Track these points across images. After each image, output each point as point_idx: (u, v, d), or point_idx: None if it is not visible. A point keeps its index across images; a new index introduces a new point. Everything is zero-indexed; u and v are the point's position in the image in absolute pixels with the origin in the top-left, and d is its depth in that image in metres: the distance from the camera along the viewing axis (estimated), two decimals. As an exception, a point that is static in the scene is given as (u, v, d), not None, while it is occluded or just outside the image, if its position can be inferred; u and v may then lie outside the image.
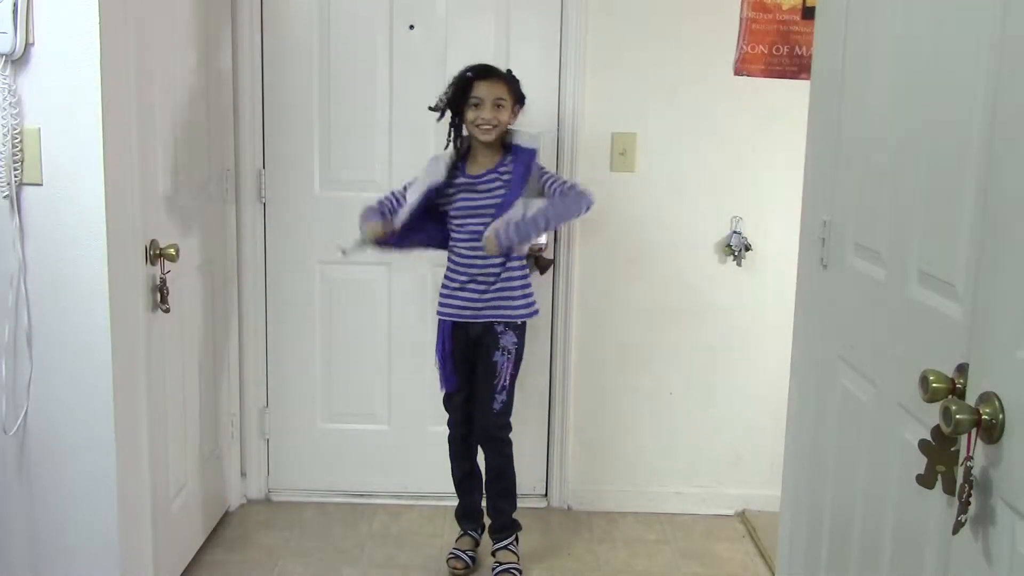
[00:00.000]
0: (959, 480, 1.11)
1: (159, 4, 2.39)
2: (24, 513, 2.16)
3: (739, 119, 3.05)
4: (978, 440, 1.09)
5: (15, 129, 2.00)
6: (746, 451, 3.22)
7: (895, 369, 1.46)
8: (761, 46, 3.02)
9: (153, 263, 2.31)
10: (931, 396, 1.18)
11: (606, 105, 3.05)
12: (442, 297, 2.71)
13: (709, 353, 3.18)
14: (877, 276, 1.56)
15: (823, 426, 1.82)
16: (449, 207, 2.67)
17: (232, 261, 3.08)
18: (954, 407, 1.08)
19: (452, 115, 2.66)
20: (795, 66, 3.01)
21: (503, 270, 2.63)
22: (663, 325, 3.16)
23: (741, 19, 3.01)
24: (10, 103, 1.99)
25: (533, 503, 3.25)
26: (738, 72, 3.03)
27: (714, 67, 3.03)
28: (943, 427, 1.10)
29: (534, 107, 3.07)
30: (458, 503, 2.89)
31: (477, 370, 2.71)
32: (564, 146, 3.06)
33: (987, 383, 1.10)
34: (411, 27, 3.06)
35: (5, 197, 2.03)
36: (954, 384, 1.18)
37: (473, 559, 2.82)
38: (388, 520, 3.14)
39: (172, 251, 2.33)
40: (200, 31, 2.71)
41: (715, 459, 3.24)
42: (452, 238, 2.68)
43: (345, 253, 2.69)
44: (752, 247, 3.09)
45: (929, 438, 1.19)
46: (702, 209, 3.10)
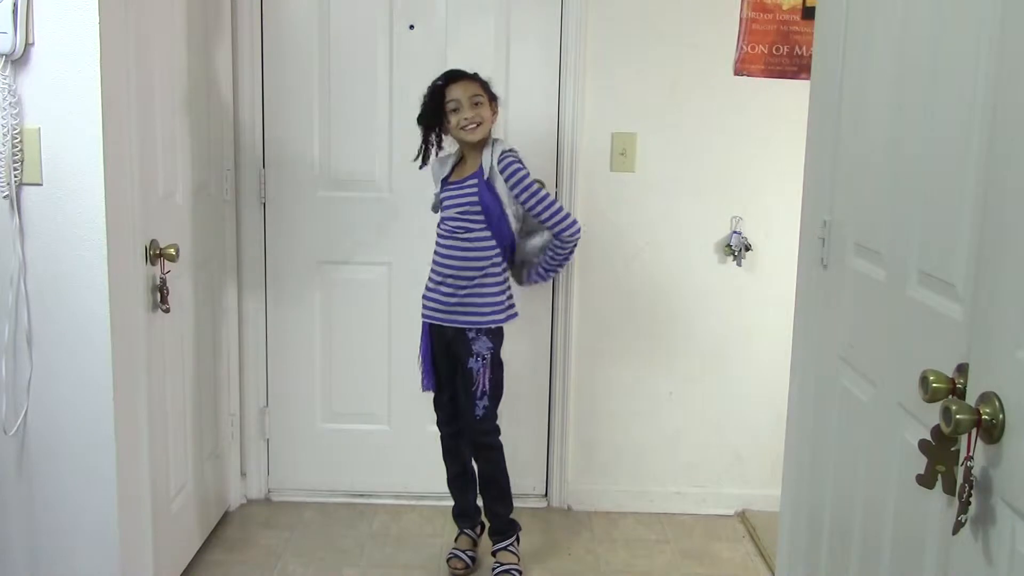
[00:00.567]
0: (959, 480, 1.11)
1: (159, 4, 2.39)
2: (24, 513, 2.16)
3: (739, 119, 3.05)
4: (978, 440, 1.09)
5: (15, 129, 2.00)
6: (746, 451, 3.22)
7: (895, 369, 1.46)
8: (761, 46, 3.02)
9: (153, 263, 2.31)
10: (931, 396, 1.18)
11: (606, 105, 3.05)
12: (423, 295, 2.72)
13: (709, 353, 3.18)
14: (877, 276, 1.56)
15: (823, 426, 1.82)
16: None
17: (232, 261, 3.08)
18: (954, 407, 1.08)
19: (427, 131, 2.67)
20: (795, 66, 3.01)
21: (480, 275, 2.62)
22: (663, 325, 3.16)
23: (741, 19, 3.01)
24: (10, 103, 1.99)
25: (533, 503, 3.25)
26: (738, 72, 3.03)
27: (714, 67, 3.03)
28: (943, 427, 1.10)
29: (534, 107, 3.08)
30: (454, 503, 2.89)
31: (457, 376, 2.71)
32: (564, 146, 3.07)
33: (987, 383, 1.10)
34: (411, 27, 3.06)
35: (5, 197, 2.03)
36: (954, 384, 1.18)
37: (473, 559, 2.82)
38: (388, 520, 3.14)
39: (172, 251, 2.33)
40: (200, 31, 2.71)
41: (715, 459, 3.24)
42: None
43: None
44: (752, 247, 3.09)
45: (929, 438, 1.19)
46: (702, 209, 3.10)
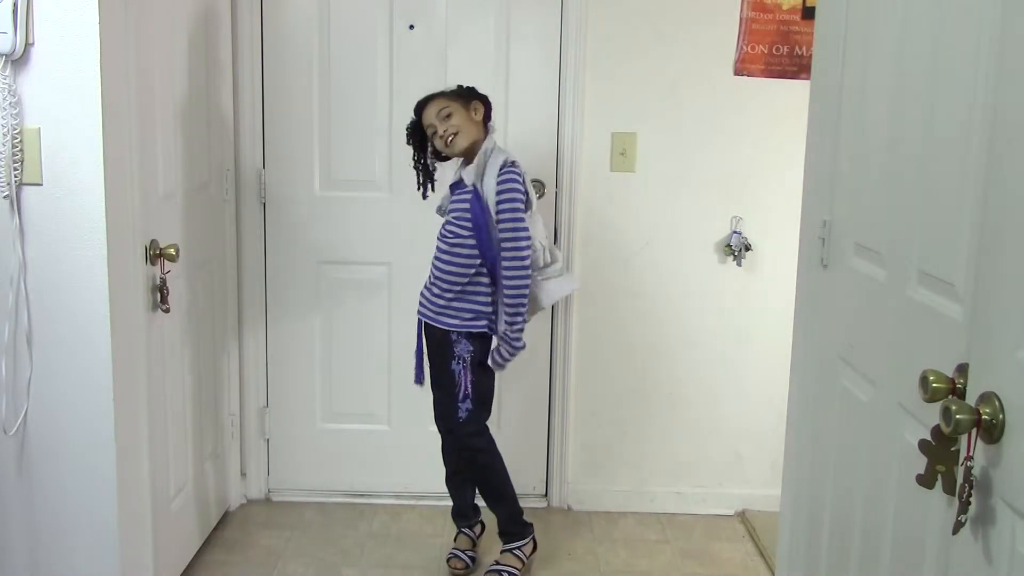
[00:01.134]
0: (959, 480, 1.11)
1: (159, 4, 2.39)
2: (24, 513, 2.16)
3: (739, 119, 3.05)
4: (978, 440, 1.09)
5: (15, 129, 2.00)
6: (746, 451, 3.22)
7: (895, 369, 1.46)
8: (761, 46, 3.02)
9: (153, 263, 2.31)
10: (931, 396, 1.18)
11: (606, 105, 3.05)
12: (420, 291, 2.73)
13: (709, 353, 3.18)
14: (877, 276, 1.56)
15: (823, 426, 1.82)
16: None
17: (232, 261, 3.08)
18: (954, 407, 1.08)
19: (420, 158, 2.70)
20: (795, 66, 3.01)
21: (466, 282, 2.59)
22: (663, 325, 3.16)
23: (741, 19, 3.01)
24: (10, 103, 1.99)
25: (533, 503, 3.25)
26: (738, 72, 3.03)
27: (714, 67, 3.03)
28: (943, 427, 1.10)
29: (534, 107, 3.08)
30: (452, 502, 2.89)
31: (443, 377, 2.69)
32: (564, 146, 3.07)
33: (987, 383, 1.10)
34: (411, 27, 3.06)
35: (5, 197, 2.03)
36: (954, 384, 1.18)
37: (473, 559, 2.82)
38: (388, 520, 3.14)
39: (172, 251, 2.33)
40: (200, 31, 2.71)
41: (715, 459, 3.24)
42: None
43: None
44: (752, 247, 3.09)
45: (929, 438, 1.19)
46: (702, 209, 3.10)
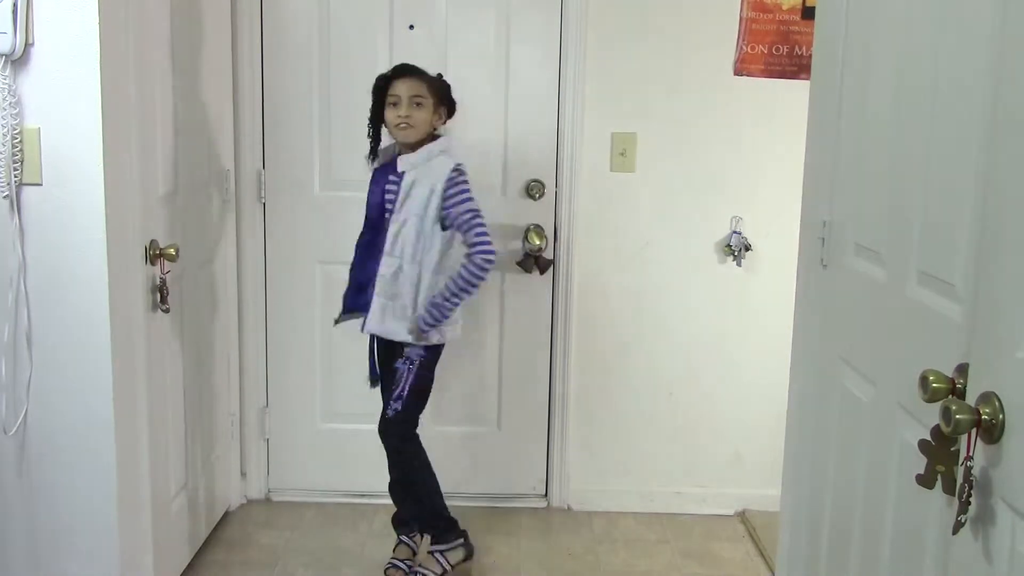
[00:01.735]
0: (959, 480, 1.11)
1: (159, 4, 2.39)
2: (24, 513, 2.16)
3: (739, 119, 3.05)
4: (978, 440, 1.09)
5: (15, 129, 2.00)
6: (746, 451, 3.22)
7: (895, 369, 1.46)
8: (761, 46, 3.02)
9: (153, 263, 2.31)
10: (931, 396, 1.18)
11: (606, 105, 3.05)
12: None
13: (709, 353, 3.18)
14: (877, 276, 1.56)
15: (823, 426, 1.82)
16: None
17: (232, 261, 3.08)
18: (954, 407, 1.08)
19: (373, 123, 2.61)
20: (795, 66, 3.01)
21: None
22: (663, 325, 3.16)
23: (741, 19, 3.01)
24: (10, 103, 1.99)
25: (533, 503, 3.25)
26: (738, 72, 3.03)
27: (714, 67, 3.02)
28: (943, 427, 1.10)
29: (534, 107, 3.08)
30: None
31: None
32: (564, 146, 3.07)
33: (987, 383, 1.10)
34: (411, 27, 3.06)
35: (5, 197, 2.02)
36: (954, 384, 1.18)
37: (411, 567, 2.74)
38: (388, 520, 3.14)
39: (172, 251, 2.33)
40: (200, 31, 2.71)
41: (715, 459, 3.24)
42: None
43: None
44: (752, 247, 3.09)
45: (929, 438, 1.19)
46: (702, 209, 3.10)
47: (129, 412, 2.21)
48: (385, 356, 2.69)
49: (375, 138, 2.63)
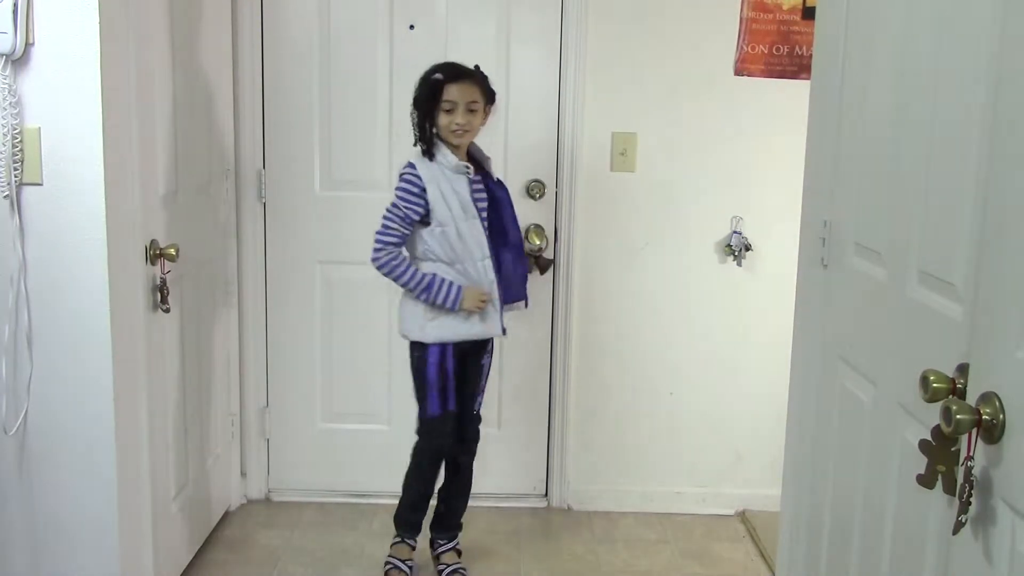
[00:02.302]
0: (959, 480, 1.11)
1: (159, 4, 2.39)
2: (24, 513, 2.16)
3: (739, 119, 3.05)
4: (978, 440, 1.09)
5: (15, 129, 2.00)
6: (746, 451, 3.22)
7: (895, 369, 1.46)
8: (761, 46, 3.02)
9: (153, 263, 2.31)
10: (931, 396, 1.18)
11: (606, 105, 3.05)
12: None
13: (709, 353, 3.18)
14: (877, 276, 1.56)
15: (823, 426, 1.82)
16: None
17: (232, 261, 3.08)
18: (955, 407, 1.08)
19: (420, 117, 2.53)
20: (795, 66, 3.01)
21: None
22: (663, 325, 3.16)
23: (741, 19, 3.01)
24: (10, 103, 1.99)
25: (533, 503, 3.25)
26: (738, 72, 3.03)
27: (714, 67, 3.03)
28: (943, 427, 1.10)
29: (534, 107, 3.08)
30: (420, 513, 2.79)
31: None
32: (564, 146, 3.07)
33: (988, 383, 1.10)
34: (411, 27, 3.06)
35: (5, 197, 2.02)
36: (954, 384, 1.18)
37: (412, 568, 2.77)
38: (388, 520, 3.13)
39: (172, 251, 2.33)
40: (200, 31, 2.71)
41: (715, 459, 3.24)
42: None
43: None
44: (752, 247, 3.09)
45: (929, 438, 1.19)
46: (702, 209, 3.10)
47: (129, 412, 2.21)
48: (465, 358, 2.68)
49: (429, 141, 2.53)
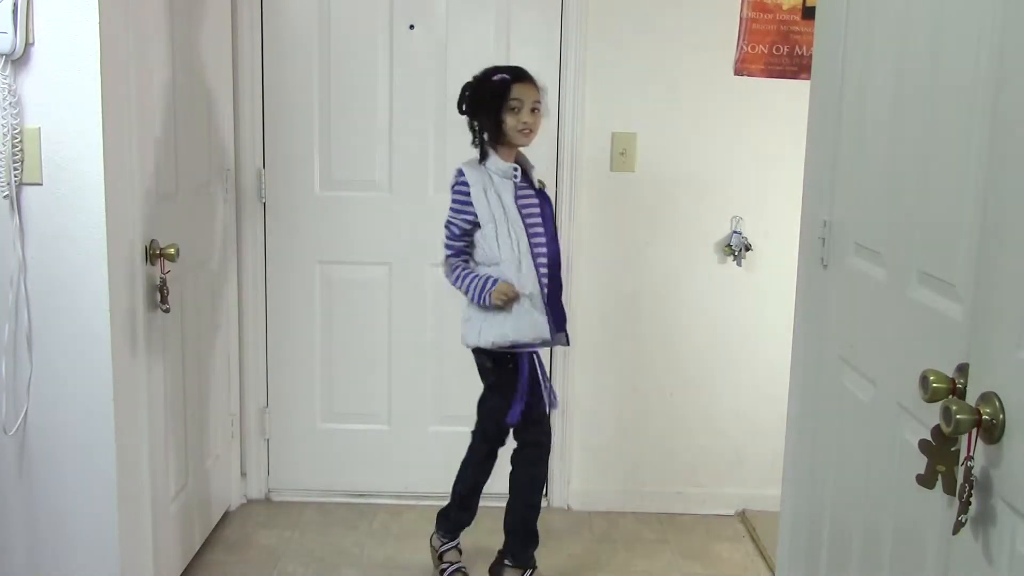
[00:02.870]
0: (959, 480, 1.11)
1: (159, 4, 2.39)
2: (24, 513, 2.16)
3: (739, 119, 3.05)
4: (978, 440, 1.09)
5: (15, 129, 2.00)
6: (746, 451, 3.22)
7: (895, 369, 1.46)
8: (761, 46, 3.02)
9: (153, 263, 2.31)
10: (931, 396, 1.18)
11: (606, 105, 3.05)
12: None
13: (709, 353, 3.18)
14: (877, 276, 1.56)
15: (823, 426, 1.82)
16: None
17: (232, 261, 3.08)
18: (954, 407, 1.08)
19: (484, 119, 2.49)
20: (795, 66, 3.01)
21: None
22: (663, 325, 3.16)
23: (741, 19, 3.01)
24: (10, 103, 1.99)
25: (533, 503, 3.25)
26: (738, 72, 3.03)
27: (714, 67, 3.03)
28: (943, 427, 1.10)
29: (534, 107, 3.08)
30: (470, 514, 2.77)
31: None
32: (564, 146, 3.06)
33: (987, 383, 1.10)
34: (411, 27, 3.06)
35: (5, 197, 2.03)
36: (954, 384, 1.18)
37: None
38: (388, 520, 3.14)
39: (172, 251, 2.33)
40: (200, 31, 2.71)
41: (715, 459, 3.24)
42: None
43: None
44: (752, 247, 3.09)
45: (929, 438, 1.19)
46: (702, 209, 3.10)
47: (129, 412, 2.21)
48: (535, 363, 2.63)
49: (486, 143, 2.50)
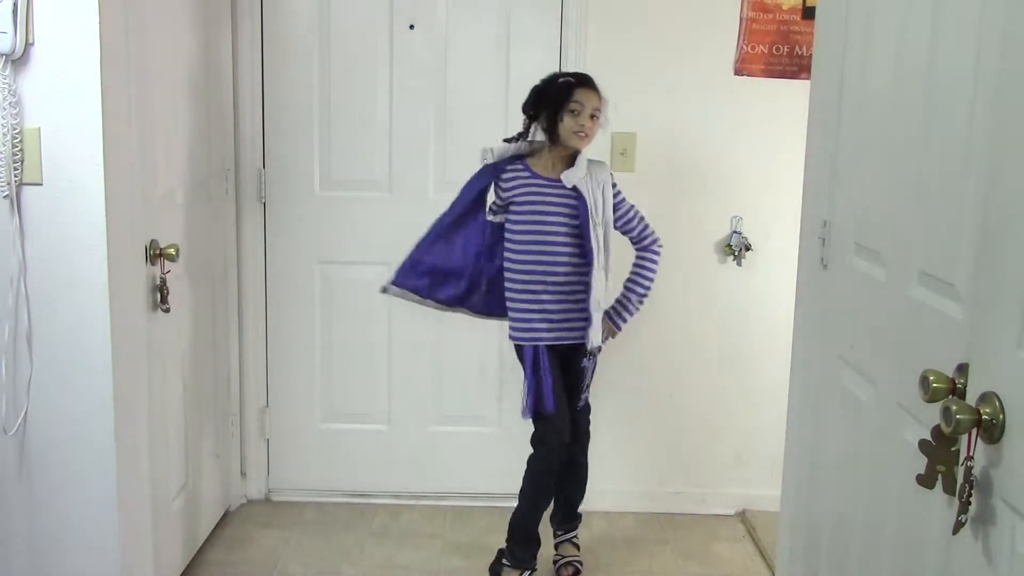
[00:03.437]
0: (959, 480, 1.11)
1: (159, 4, 2.39)
2: (24, 513, 2.16)
3: (739, 119, 3.05)
4: (978, 440, 1.09)
5: (15, 129, 2.00)
6: (746, 451, 3.22)
7: (895, 369, 1.46)
8: (761, 46, 3.02)
9: (153, 263, 2.31)
10: (931, 396, 1.18)
11: (606, 105, 3.04)
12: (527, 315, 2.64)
13: (709, 353, 3.18)
14: (877, 276, 1.56)
15: (823, 426, 1.82)
16: (507, 211, 2.63)
17: (232, 261, 3.08)
18: (954, 407, 1.08)
19: (536, 120, 2.60)
20: (795, 66, 3.01)
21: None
22: (663, 325, 3.16)
23: (741, 19, 3.01)
24: (10, 103, 1.99)
25: (533, 503, 3.25)
26: (738, 72, 3.03)
27: (714, 67, 3.03)
28: (943, 427, 1.10)
29: (534, 107, 3.08)
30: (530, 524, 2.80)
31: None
32: (564, 146, 3.06)
33: (987, 383, 1.10)
34: (411, 27, 3.06)
35: (5, 197, 2.03)
36: (954, 384, 1.18)
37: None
38: (388, 520, 3.14)
39: (172, 251, 2.33)
40: (200, 31, 2.71)
41: (715, 459, 3.24)
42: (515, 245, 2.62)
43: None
44: (752, 247, 3.09)
45: (929, 438, 1.19)
46: (702, 209, 3.10)
47: (129, 412, 2.21)
48: (560, 360, 2.68)
49: (551, 129, 2.58)
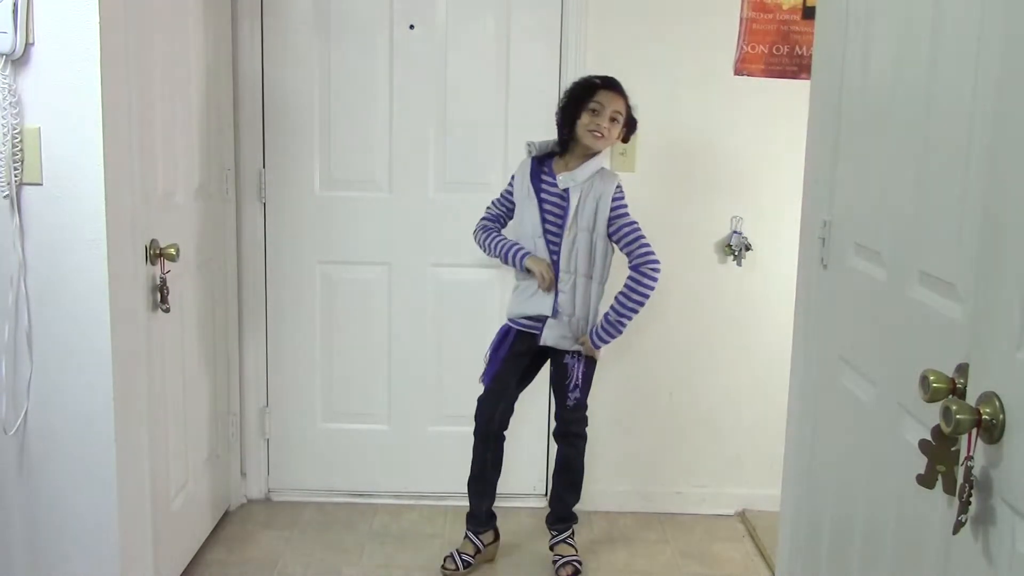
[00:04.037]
0: (959, 480, 1.11)
1: (159, 4, 2.39)
2: (24, 513, 2.16)
3: (739, 119, 3.05)
4: (978, 440, 1.09)
5: (15, 129, 2.00)
6: (746, 451, 3.22)
7: (895, 369, 1.46)
8: (761, 46, 3.02)
9: (153, 263, 2.31)
10: (931, 396, 1.18)
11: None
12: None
13: (709, 353, 3.18)
14: (877, 276, 1.56)
15: (823, 426, 1.82)
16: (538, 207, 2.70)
17: (232, 261, 3.08)
18: (954, 407, 1.08)
19: (566, 117, 2.66)
20: (795, 66, 3.01)
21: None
22: (663, 325, 3.16)
23: (741, 19, 3.01)
24: (10, 103, 1.99)
25: (533, 503, 3.25)
26: (738, 72, 3.03)
27: (714, 67, 3.03)
28: (943, 427, 1.10)
29: (534, 107, 3.08)
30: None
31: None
32: (564, 146, 3.06)
33: (987, 383, 1.10)
34: (411, 27, 3.06)
35: (5, 197, 2.02)
36: (954, 384, 1.18)
37: (468, 564, 2.80)
38: (388, 520, 3.14)
39: (172, 251, 2.33)
40: (200, 31, 2.71)
41: (715, 459, 3.24)
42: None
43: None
44: (752, 247, 3.09)
45: (929, 438, 1.19)
46: (702, 209, 3.10)
47: (129, 412, 2.21)
48: (539, 353, 2.76)
49: (564, 139, 2.68)
